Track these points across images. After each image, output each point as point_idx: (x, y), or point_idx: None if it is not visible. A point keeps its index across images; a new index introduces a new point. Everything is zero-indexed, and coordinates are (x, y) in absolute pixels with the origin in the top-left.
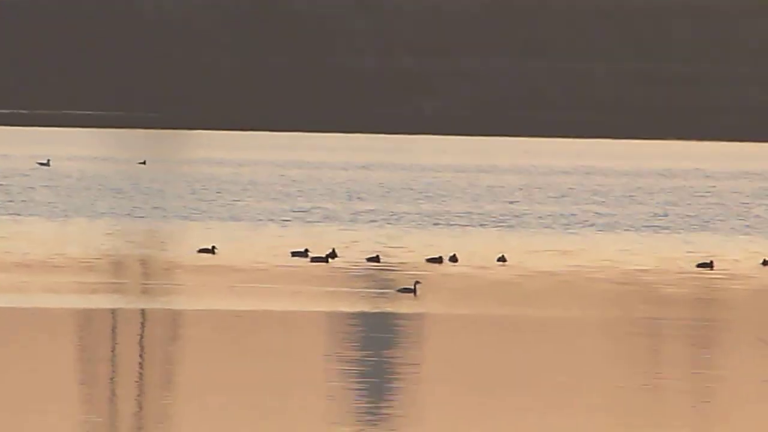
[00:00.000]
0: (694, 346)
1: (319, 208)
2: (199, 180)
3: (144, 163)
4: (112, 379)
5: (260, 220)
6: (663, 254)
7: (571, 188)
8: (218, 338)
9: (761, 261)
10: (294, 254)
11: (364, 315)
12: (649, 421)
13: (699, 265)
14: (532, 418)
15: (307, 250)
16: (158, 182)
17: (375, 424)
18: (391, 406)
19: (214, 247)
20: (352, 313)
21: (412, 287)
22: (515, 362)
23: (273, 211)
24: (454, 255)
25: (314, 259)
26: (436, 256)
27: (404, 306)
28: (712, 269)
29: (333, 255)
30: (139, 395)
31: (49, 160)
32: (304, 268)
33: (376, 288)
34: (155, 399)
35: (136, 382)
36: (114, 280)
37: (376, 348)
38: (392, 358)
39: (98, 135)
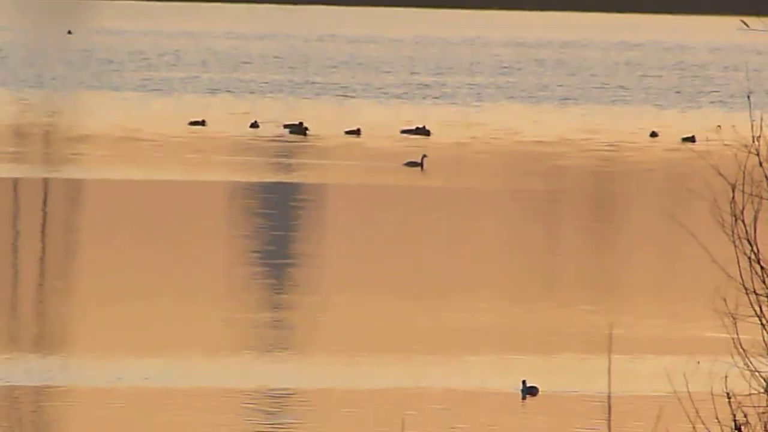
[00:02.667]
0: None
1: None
2: (120, 50)
3: (71, 32)
4: (13, 245)
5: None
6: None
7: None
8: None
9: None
10: (192, 123)
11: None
12: None
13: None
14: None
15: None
16: (82, 52)
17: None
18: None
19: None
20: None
21: (420, 161)
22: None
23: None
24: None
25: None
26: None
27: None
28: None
29: (302, 128)
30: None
31: None
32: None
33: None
34: (56, 266)
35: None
36: (18, 149)
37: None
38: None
39: (25, 3)
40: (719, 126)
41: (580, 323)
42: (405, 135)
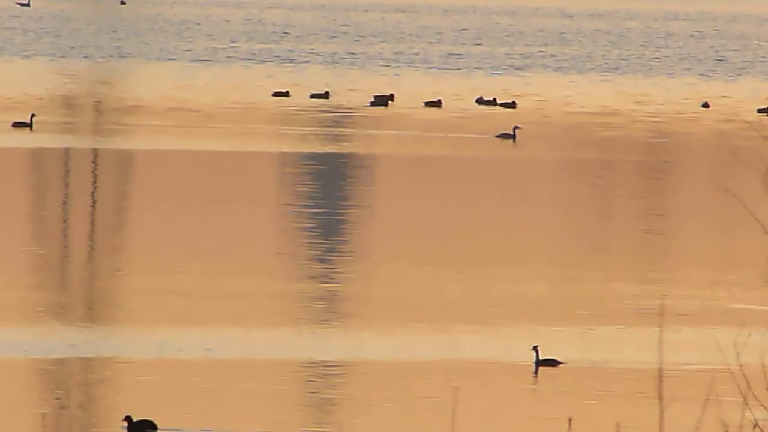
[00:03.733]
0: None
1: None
2: (178, 21)
3: (124, 2)
4: (63, 215)
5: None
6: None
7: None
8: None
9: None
10: (276, 94)
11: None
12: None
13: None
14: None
15: (327, 93)
16: (137, 23)
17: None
18: None
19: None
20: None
21: (512, 132)
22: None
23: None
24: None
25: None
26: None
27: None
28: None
29: (390, 98)
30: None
31: (29, 1)
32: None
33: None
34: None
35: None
36: (69, 120)
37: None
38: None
39: None
40: None
41: (631, 294)
42: (483, 106)
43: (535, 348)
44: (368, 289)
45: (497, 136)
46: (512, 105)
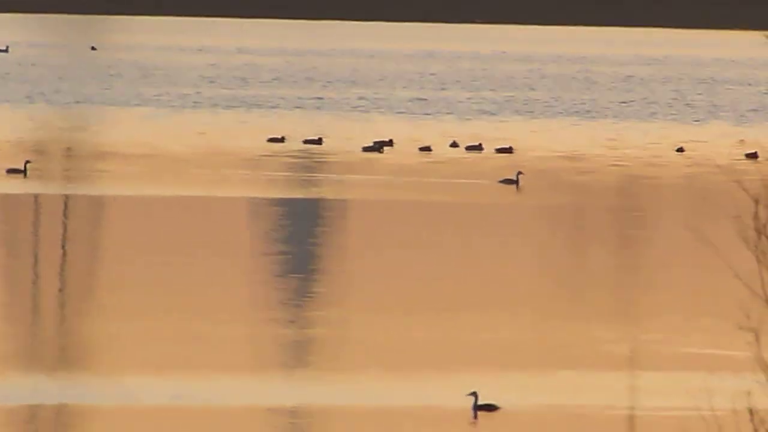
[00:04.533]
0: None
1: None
2: (145, 66)
3: (94, 48)
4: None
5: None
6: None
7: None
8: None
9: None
10: (271, 140)
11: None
12: None
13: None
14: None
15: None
16: (107, 68)
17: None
18: None
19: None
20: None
21: (515, 178)
22: None
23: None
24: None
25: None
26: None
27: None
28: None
29: (388, 144)
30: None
31: (7, 47)
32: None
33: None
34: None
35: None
36: (43, 166)
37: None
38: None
39: (50, 20)
40: (742, 140)
41: (604, 339)
42: (469, 151)
43: (473, 393)
44: (335, 336)
45: (500, 182)
46: (509, 150)
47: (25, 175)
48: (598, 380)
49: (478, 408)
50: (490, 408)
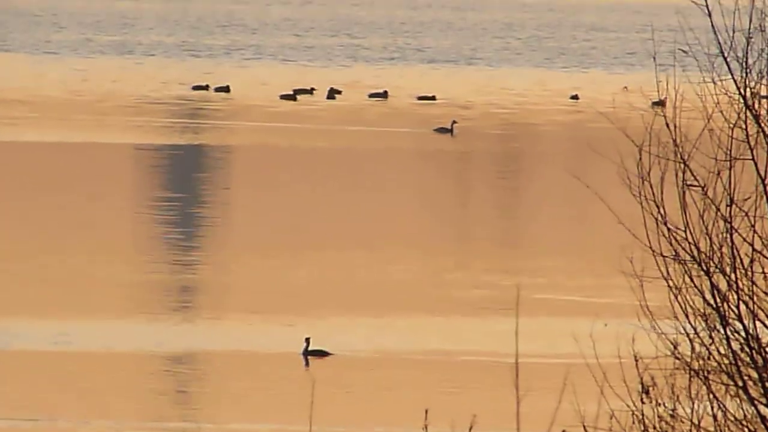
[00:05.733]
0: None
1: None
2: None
3: None
4: None
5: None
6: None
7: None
8: None
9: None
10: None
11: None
12: None
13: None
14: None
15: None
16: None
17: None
18: None
19: None
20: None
21: (450, 127)
22: None
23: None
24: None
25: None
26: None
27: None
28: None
29: (336, 92)
30: None
31: None
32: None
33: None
34: None
35: None
36: None
37: None
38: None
39: None
40: (626, 87)
41: (487, 284)
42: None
43: (306, 339)
44: (220, 279)
45: (435, 130)
46: (432, 98)
47: None
48: (481, 326)
49: (308, 354)
50: (320, 354)
